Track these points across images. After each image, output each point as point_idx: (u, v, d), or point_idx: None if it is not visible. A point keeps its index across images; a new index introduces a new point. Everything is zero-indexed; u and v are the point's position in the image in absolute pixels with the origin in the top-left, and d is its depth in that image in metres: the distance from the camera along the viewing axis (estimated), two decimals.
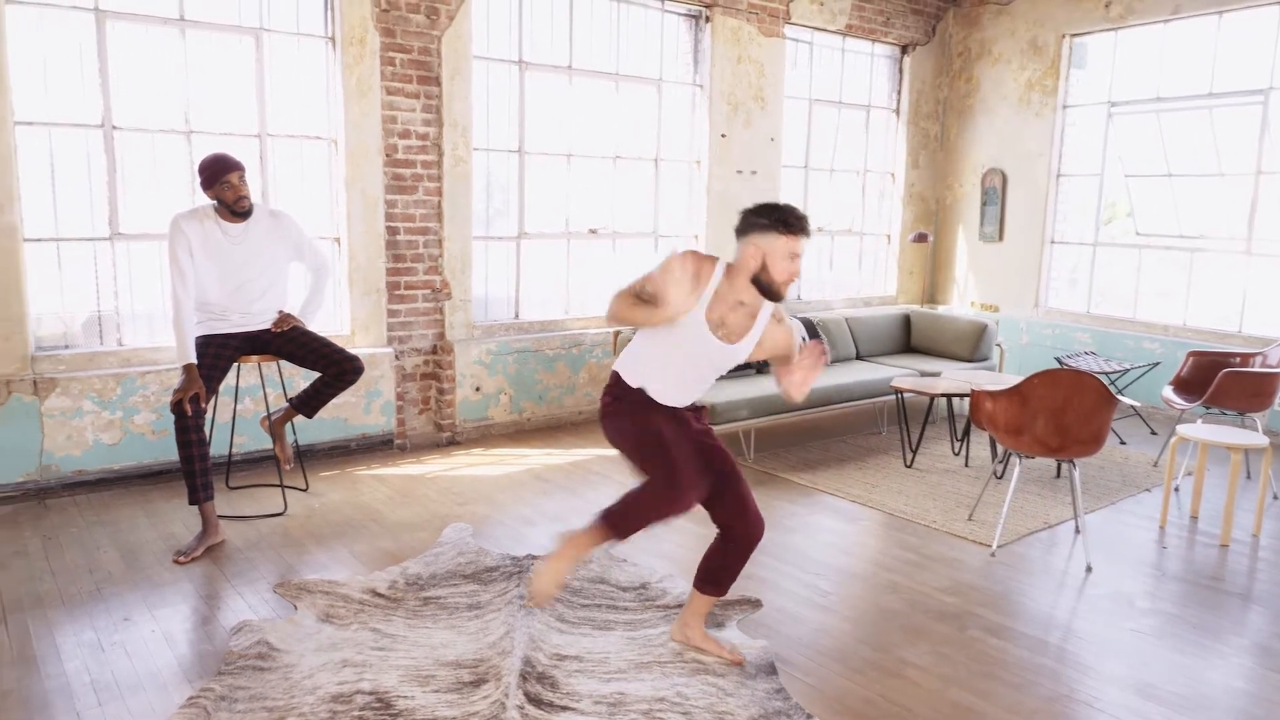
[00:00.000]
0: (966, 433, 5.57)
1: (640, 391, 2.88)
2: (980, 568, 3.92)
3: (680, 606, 3.36)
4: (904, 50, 7.96)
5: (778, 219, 2.70)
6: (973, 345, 6.75)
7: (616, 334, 5.93)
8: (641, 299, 2.73)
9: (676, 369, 2.86)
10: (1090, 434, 3.93)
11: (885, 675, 3.00)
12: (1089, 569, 3.92)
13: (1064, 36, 7.36)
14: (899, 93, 8.05)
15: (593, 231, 6.39)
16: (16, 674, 2.86)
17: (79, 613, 3.29)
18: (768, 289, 2.75)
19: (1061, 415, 3.91)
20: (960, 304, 8.23)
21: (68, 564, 3.71)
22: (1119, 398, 4.00)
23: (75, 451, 4.54)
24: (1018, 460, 4.19)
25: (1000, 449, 5.00)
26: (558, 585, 2.77)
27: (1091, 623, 3.45)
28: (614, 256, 6.53)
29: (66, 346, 4.68)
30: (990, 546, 4.11)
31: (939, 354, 6.95)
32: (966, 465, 5.42)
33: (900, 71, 8.01)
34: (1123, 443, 6.01)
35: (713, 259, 2.81)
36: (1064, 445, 3.96)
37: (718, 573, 2.99)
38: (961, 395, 5.27)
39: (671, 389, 2.88)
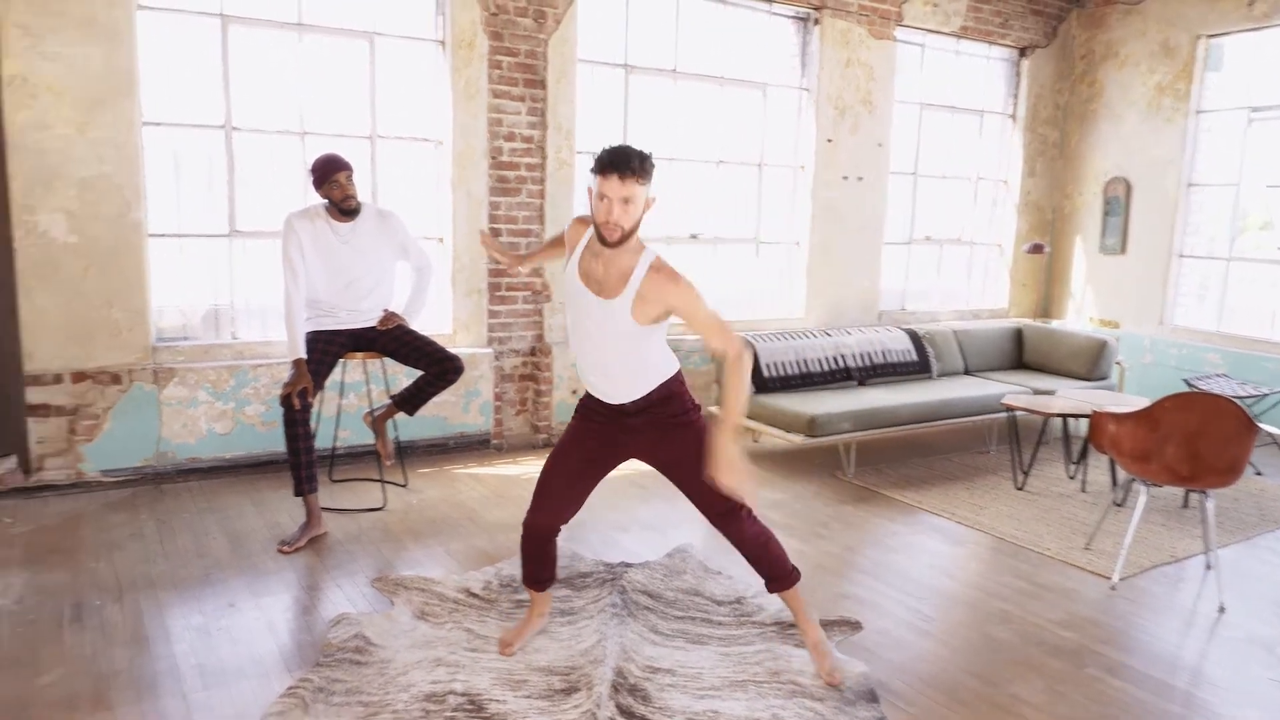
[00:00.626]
0: (1084, 455, 5.26)
1: (587, 393, 2.90)
2: (1099, 601, 3.67)
3: (777, 624, 3.27)
4: (1022, 53, 7.63)
5: (596, 157, 2.57)
6: (1091, 363, 6.41)
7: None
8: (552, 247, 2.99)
9: (578, 340, 2.80)
10: (1227, 463, 3.64)
11: (995, 710, 2.83)
12: (1221, 609, 3.63)
13: (1199, 37, 6.91)
14: (1016, 97, 7.71)
15: (694, 236, 6.32)
16: (129, 654, 2.96)
17: (188, 596, 3.39)
18: (596, 232, 2.66)
19: (1195, 442, 3.63)
20: (1077, 319, 7.82)
21: (179, 548, 3.84)
22: (1259, 425, 3.70)
23: (190, 439, 4.72)
24: (1142, 488, 3.91)
25: (1121, 475, 4.71)
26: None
27: (1224, 668, 3.18)
28: (715, 261, 6.44)
29: (185, 338, 4.87)
30: (1110, 579, 3.85)
31: (1053, 371, 6.62)
32: (1083, 490, 5.11)
33: (1018, 75, 7.68)
34: (1259, 473, 5.58)
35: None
36: (1196, 474, 3.68)
37: (759, 569, 2.92)
38: (1080, 416, 4.97)
39: (594, 373, 2.80)
